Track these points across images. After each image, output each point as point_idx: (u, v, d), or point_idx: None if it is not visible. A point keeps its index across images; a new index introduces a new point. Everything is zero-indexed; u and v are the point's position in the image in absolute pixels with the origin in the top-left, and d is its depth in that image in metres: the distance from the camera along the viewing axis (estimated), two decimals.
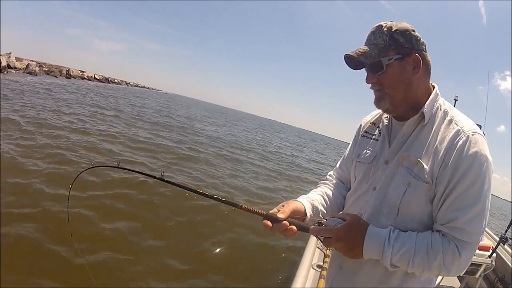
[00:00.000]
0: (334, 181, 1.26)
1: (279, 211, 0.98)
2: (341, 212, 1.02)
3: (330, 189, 1.22)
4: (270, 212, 0.98)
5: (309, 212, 1.06)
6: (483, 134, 0.90)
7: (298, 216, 1.02)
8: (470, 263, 0.91)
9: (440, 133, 0.92)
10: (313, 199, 1.13)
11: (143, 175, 1.28)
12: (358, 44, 1.01)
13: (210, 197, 1.07)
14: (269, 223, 0.94)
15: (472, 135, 0.88)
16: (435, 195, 0.90)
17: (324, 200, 1.16)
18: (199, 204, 4.72)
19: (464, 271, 0.91)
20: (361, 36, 1.00)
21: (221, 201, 1.05)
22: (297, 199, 1.10)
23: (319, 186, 1.27)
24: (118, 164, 1.25)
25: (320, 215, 1.09)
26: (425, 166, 0.90)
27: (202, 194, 1.09)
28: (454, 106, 1.00)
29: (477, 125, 0.93)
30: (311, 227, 0.94)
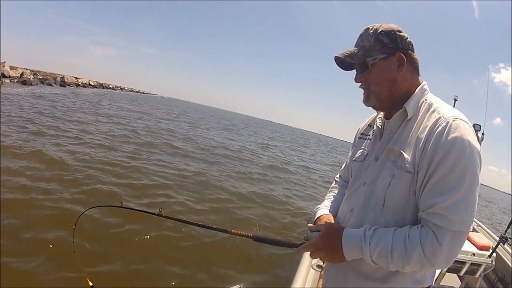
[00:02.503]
0: (340, 182, 1.36)
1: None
2: (317, 224, 1.11)
3: (339, 193, 1.30)
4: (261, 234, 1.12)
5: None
6: (468, 121, 0.88)
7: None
8: (468, 261, 0.89)
9: (422, 123, 0.93)
10: (327, 206, 1.26)
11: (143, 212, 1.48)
12: (354, 43, 1.07)
13: (202, 226, 1.25)
14: None
15: (453, 120, 0.86)
16: (417, 183, 0.90)
17: (338, 205, 1.24)
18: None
19: (452, 262, 0.87)
20: (357, 35, 1.06)
21: (211, 228, 1.21)
22: (324, 213, 1.20)
23: (329, 191, 1.37)
24: (122, 204, 1.50)
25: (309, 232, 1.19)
26: (406, 156, 0.92)
27: (195, 224, 1.27)
28: (454, 106, 1.01)
29: (477, 125, 0.93)
30: (299, 248, 1.02)
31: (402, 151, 0.93)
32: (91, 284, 1.59)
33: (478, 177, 0.85)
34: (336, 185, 1.36)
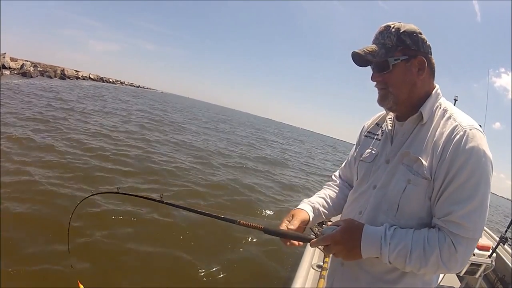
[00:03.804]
0: (338, 182, 1.30)
1: (287, 226, 1.04)
2: (335, 220, 1.05)
3: (334, 191, 1.26)
4: (280, 226, 1.04)
5: (311, 216, 1.11)
6: (482, 130, 0.90)
7: (305, 224, 1.08)
8: (468, 261, 0.91)
9: (438, 129, 0.93)
10: (314, 202, 1.18)
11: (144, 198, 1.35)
12: (354, 42, 1.04)
13: (209, 215, 1.14)
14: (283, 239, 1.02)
15: (470, 130, 0.88)
16: (433, 190, 0.90)
17: (326, 202, 1.21)
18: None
19: (463, 269, 0.90)
20: (356, 35, 1.03)
21: (218, 218, 1.11)
22: (300, 207, 1.15)
23: (323, 188, 1.31)
24: (118, 190, 1.35)
25: (323, 216, 1.15)
26: (424, 162, 0.91)
27: (200, 212, 1.15)
28: (454, 106, 1.01)
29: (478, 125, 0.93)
30: (312, 241, 0.96)
31: (419, 157, 0.92)
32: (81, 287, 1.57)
33: (490, 185, 0.87)
34: (332, 184, 1.31)
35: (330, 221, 1.14)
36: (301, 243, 1.01)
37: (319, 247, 0.97)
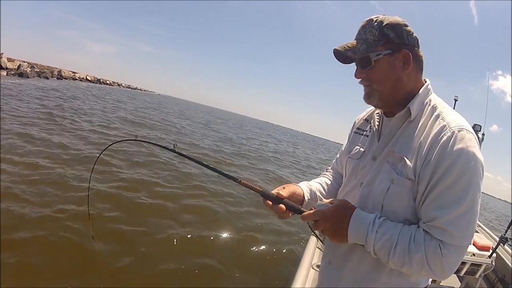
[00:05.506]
0: (333, 173, 1.31)
1: (278, 192, 1.02)
2: (330, 199, 1.01)
3: (329, 179, 1.26)
4: (270, 192, 1.03)
5: (307, 197, 1.12)
6: (472, 131, 0.85)
7: (296, 198, 1.08)
8: (468, 261, 0.87)
9: (426, 128, 0.89)
10: (311, 185, 1.19)
11: (158, 146, 1.39)
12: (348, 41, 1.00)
13: (213, 169, 1.15)
14: (270, 202, 1.00)
15: (459, 131, 0.83)
16: (417, 193, 0.87)
17: (323, 187, 1.21)
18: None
19: (449, 275, 0.85)
20: (353, 35, 1.00)
21: (221, 173, 1.12)
22: (297, 184, 1.15)
23: (319, 176, 1.31)
24: (136, 137, 1.38)
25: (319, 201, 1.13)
26: (408, 162, 0.87)
27: (207, 166, 1.17)
28: (454, 106, 0.98)
29: (477, 125, 0.91)
30: (303, 213, 0.96)
31: (403, 156, 0.89)
32: None
33: (480, 190, 0.83)
34: (328, 173, 1.32)
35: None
36: (290, 214, 1.02)
37: (309, 222, 0.96)
